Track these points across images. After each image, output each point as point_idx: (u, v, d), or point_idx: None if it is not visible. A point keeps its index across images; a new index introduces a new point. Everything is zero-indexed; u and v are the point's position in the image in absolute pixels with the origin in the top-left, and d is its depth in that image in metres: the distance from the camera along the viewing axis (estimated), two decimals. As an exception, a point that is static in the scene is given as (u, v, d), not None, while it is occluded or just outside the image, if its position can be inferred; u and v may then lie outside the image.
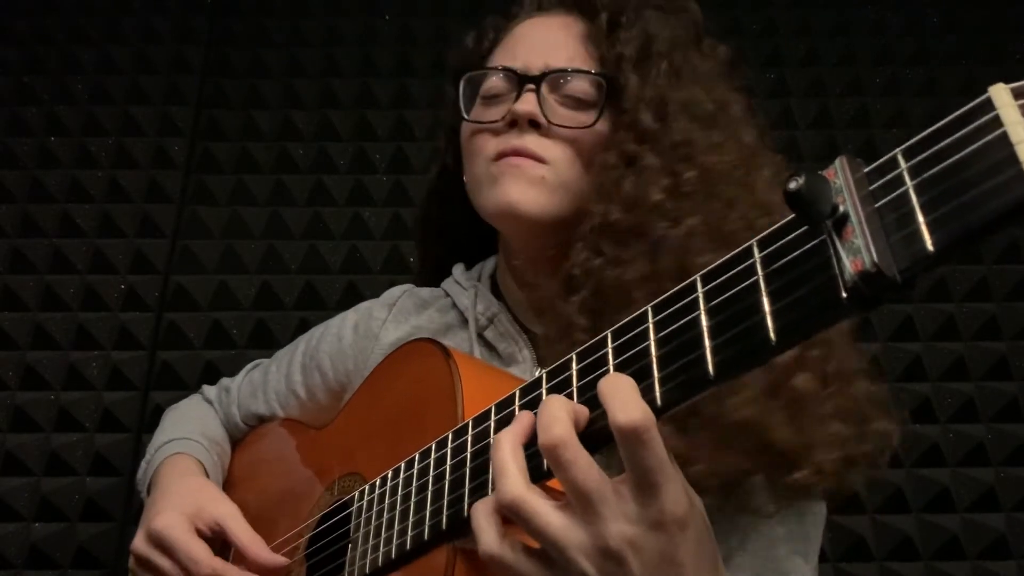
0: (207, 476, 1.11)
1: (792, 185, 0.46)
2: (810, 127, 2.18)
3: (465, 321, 1.05)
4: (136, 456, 1.88)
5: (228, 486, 1.19)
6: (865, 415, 0.82)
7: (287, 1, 2.34)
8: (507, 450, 0.61)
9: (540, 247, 0.96)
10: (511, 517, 0.60)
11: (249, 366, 1.29)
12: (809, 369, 0.78)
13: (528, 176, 0.93)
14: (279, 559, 0.94)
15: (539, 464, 0.61)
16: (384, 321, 1.11)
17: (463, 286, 1.09)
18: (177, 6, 2.32)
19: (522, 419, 0.63)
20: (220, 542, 0.98)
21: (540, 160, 0.94)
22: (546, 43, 0.99)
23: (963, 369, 1.92)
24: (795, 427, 0.77)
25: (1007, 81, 0.42)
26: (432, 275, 1.18)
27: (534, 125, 0.94)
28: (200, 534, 0.96)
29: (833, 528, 1.81)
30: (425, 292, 1.15)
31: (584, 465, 0.57)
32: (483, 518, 0.62)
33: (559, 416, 0.58)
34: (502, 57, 1.01)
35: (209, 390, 1.29)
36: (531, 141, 0.94)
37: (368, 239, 2.11)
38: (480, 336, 1.03)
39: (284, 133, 2.21)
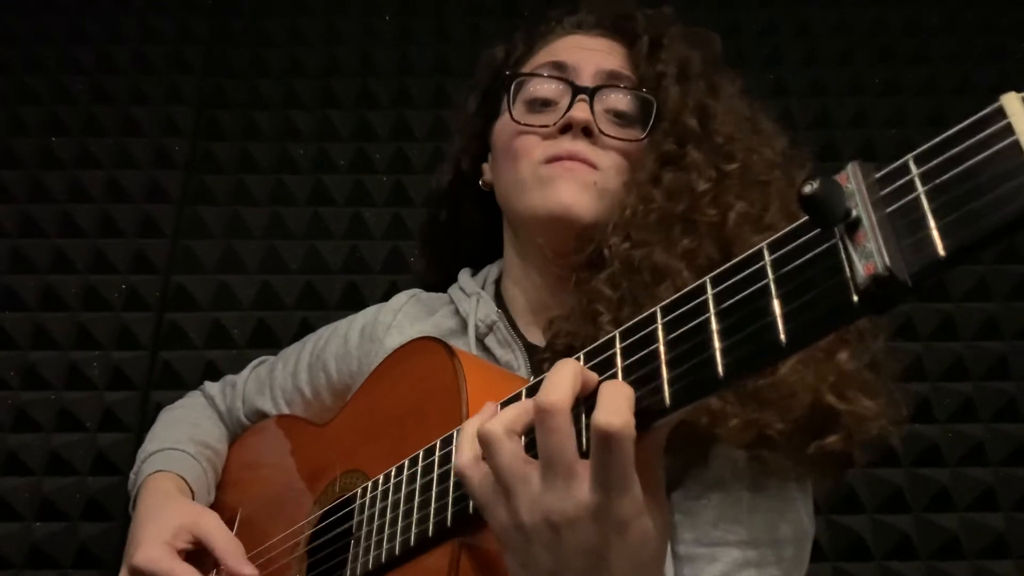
0: (190, 489, 1.11)
1: (807, 189, 0.47)
2: (810, 127, 2.18)
3: (467, 327, 1.06)
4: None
5: (225, 483, 1.19)
6: (885, 386, 0.84)
7: (287, 1, 2.34)
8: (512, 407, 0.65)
9: (569, 245, 0.98)
10: (483, 445, 0.64)
11: (255, 363, 1.30)
12: (847, 347, 0.81)
13: (582, 180, 0.97)
14: (250, 570, 0.95)
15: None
16: (389, 326, 1.12)
17: (466, 292, 1.10)
18: (177, 6, 2.31)
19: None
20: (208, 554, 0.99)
21: (593, 166, 0.97)
22: (595, 54, 1.04)
23: (962, 369, 1.93)
24: (838, 395, 0.80)
25: (1006, 82, 0.44)
26: (438, 278, 1.20)
27: (586, 133, 0.98)
28: (183, 552, 0.98)
29: (832, 527, 1.81)
30: (431, 298, 1.16)
31: (562, 436, 0.60)
32: (466, 439, 0.67)
33: (562, 384, 0.61)
34: (548, 57, 1.05)
35: (211, 386, 1.30)
36: (584, 147, 0.98)
37: (368, 239, 2.11)
38: (480, 343, 1.04)
39: (284, 133, 2.21)
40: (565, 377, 0.61)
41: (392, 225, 2.11)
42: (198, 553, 0.99)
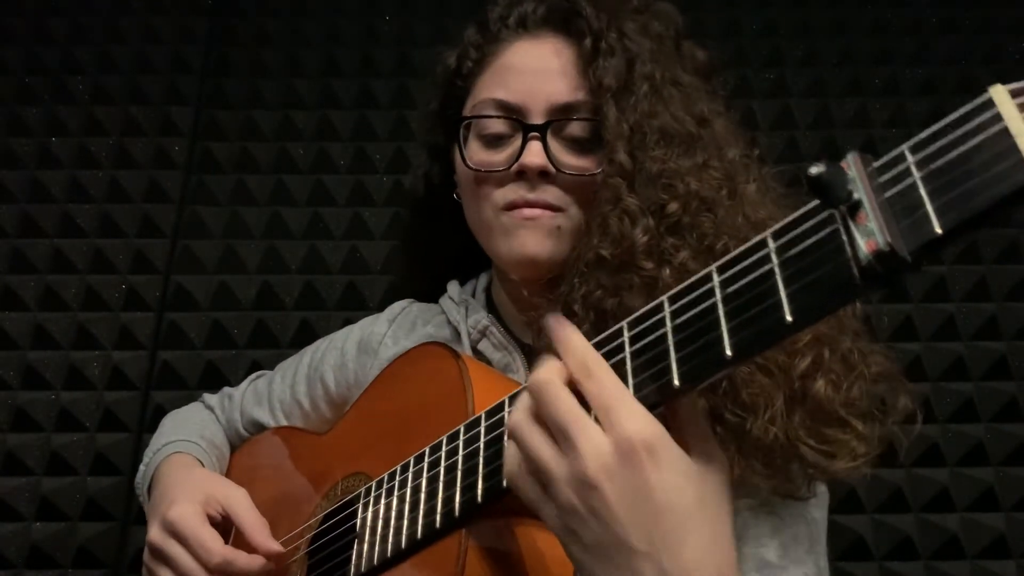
0: None
1: (813, 170, 0.50)
2: (810, 127, 2.18)
3: (460, 336, 1.06)
4: (137, 456, 1.88)
5: None
6: (886, 394, 0.82)
7: (287, 1, 2.34)
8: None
9: (542, 279, 0.96)
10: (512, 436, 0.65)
11: (252, 376, 1.31)
12: (824, 373, 0.78)
13: (546, 228, 0.94)
14: (276, 546, 0.95)
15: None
16: (383, 336, 1.13)
17: (455, 302, 1.10)
18: (177, 6, 2.31)
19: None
20: (232, 526, 1.00)
21: (555, 208, 0.94)
22: (543, 75, 0.96)
23: (962, 369, 1.93)
24: (820, 439, 0.78)
25: (1005, 81, 0.46)
26: (427, 288, 1.19)
27: (543, 175, 0.94)
28: (211, 520, 0.98)
29: (833, 528, 1.79)
30: (424, 309, 1.16)
31: (559, 400, 0.61)
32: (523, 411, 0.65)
33: (551, 366, 0.63)
34: (496, 88, 0.99)
35: (210, 398, 1.30)
36: (543, 192, 0.94)
37: (368, 239, 2.11)
38: (474, 350, 1.04)
39: (284, 133, 2.21)
40: (550, 363, 0.63)
41: (392, 225, 2.11)
42: (222, 527, 0.99)
